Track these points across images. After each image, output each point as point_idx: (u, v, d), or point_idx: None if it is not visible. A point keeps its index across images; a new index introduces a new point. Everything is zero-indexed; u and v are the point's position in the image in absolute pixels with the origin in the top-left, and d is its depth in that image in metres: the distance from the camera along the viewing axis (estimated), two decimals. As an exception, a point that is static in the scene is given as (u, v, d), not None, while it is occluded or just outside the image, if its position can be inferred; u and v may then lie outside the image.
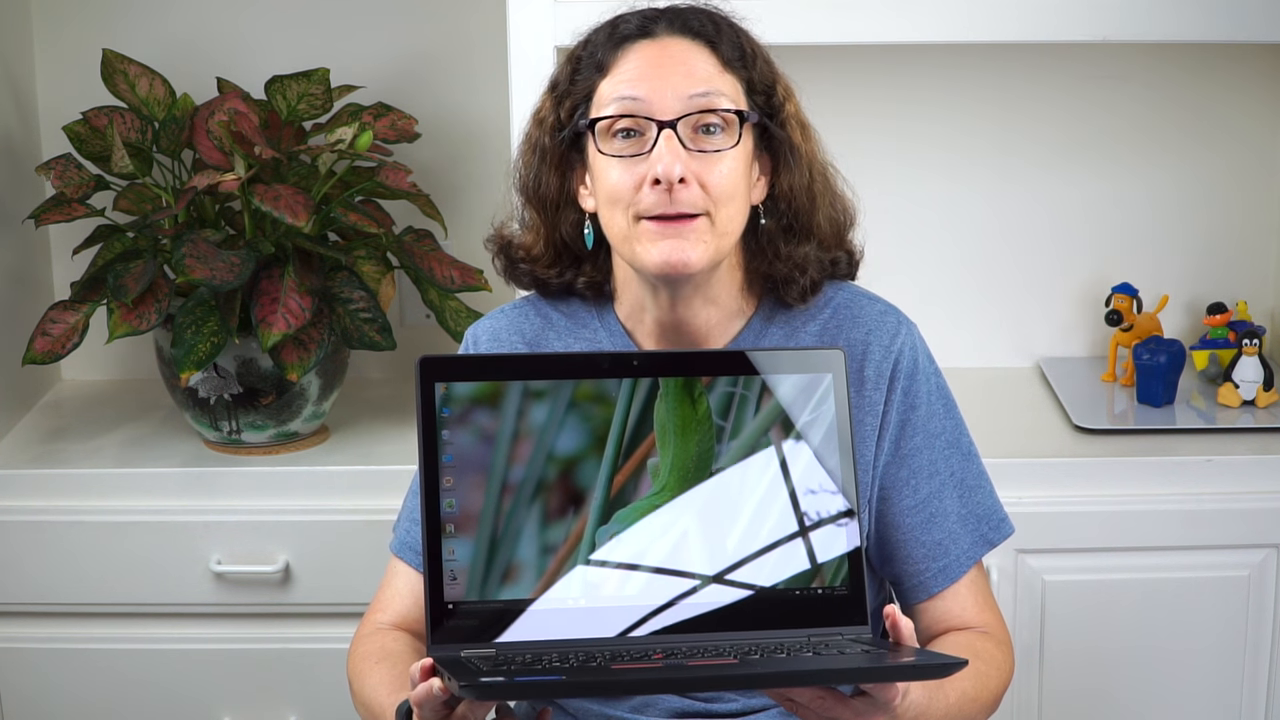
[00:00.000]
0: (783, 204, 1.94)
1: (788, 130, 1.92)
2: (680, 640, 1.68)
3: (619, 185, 1.86)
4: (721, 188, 1.85)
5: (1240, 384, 2.79)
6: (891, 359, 1.94)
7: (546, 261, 2.00)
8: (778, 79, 1.93)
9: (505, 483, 1.69)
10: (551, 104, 1.95)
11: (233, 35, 2.98)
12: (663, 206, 1.84)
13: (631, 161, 1.85)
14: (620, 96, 1.86)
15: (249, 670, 2.72)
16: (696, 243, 1.84)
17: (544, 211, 1.98)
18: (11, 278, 2.92)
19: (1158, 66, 2.95)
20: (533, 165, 1.97)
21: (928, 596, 1.96)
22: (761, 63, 1.92)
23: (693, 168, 1.84)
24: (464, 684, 1.50)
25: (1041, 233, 3.03)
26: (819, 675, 1.61)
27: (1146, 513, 2.61)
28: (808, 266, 1.94)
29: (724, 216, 1.86)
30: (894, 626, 1.66)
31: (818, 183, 1.96)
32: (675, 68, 1.86)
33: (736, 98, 1.88)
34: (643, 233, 1.86)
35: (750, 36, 1.94)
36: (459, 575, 1.67)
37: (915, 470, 1.95)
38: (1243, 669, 2.66)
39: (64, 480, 2.69)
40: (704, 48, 1.88)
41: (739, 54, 1.90)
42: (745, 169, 1.88)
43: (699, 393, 1.73)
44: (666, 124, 1.84)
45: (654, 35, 1.88)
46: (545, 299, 2.03)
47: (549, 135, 1.94)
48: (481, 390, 1.70)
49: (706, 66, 1.87)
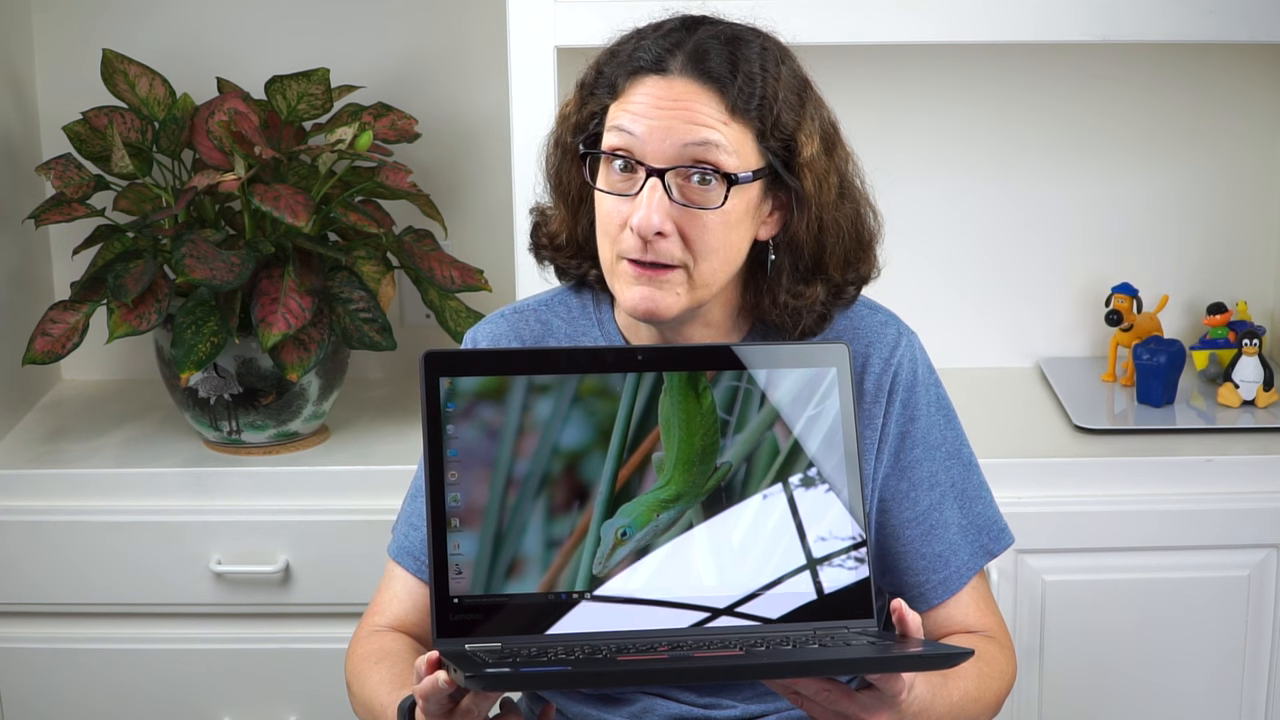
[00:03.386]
0: (791, 245, 1.89)
1: (800, 178, 1.85)
2: (686, 633, 1.68)
3: (608, 217, 1.84)
4: (704, 243, 1.81)
5: (1240, 384, 2.79)
6: (891, 371, 1.93)
7: (569, 252, 1.99)
8: (802, 124, 1.85)
9: (510, 477, 1.69)
10: (577, 103, 1.91)
11: (233, 35, 2.98)
12: (639, 253, 1.81)
13: (621, 199, 1.83)
14: (619, 128, 1.82)
15: (249, 670, 2.72)
16: (669, 293, 1.82)
17: (566, 205, 1.96)
18: (11, 278, 2.92)
19: (1157, 67, 2.95)
20: (554, 159, 1.95)
21: (928, 608, 1.95)
22: (782, 108, 1.83)
23: (676, 218, 1.80)
24: (470, 675, 1.50)
25: (1041, 233, 3.03)
26: (824, 665, 1.61)
27: (1146, 513, 2.61)
28: (804, 312, 1.90)
29: (704, 270, 1.83)
30: (900, 620, 1.66)
31: (836, 222, 1.89)
32: (677, 112, 1.80)
33: (742, 148, 1.81)
34: (622, 272, 1.84)
35: (780, 75, 1.85)
36: (464, 569, 1.67)
37: (915, 482, 1.94)
38: (1243, 669, 2.66)
39: (64, 480, 2.69)
40: (714, 92, 1.80)
41: (752, 101, 1.82)
42: (736, 224, 1.83)
43: (703, 387, 1.73)
44: (655, 171, 1.80)
45: (665, 72, 1.81)
46: (545, 304, 2.03)
47: (570, 133, 1.92)
48: (486, 385, 1.70)
49: (711, 114, 1.80)
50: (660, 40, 1.84)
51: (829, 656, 1.60)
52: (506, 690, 1.58)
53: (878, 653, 1.61)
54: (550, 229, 1.99)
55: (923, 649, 1.61)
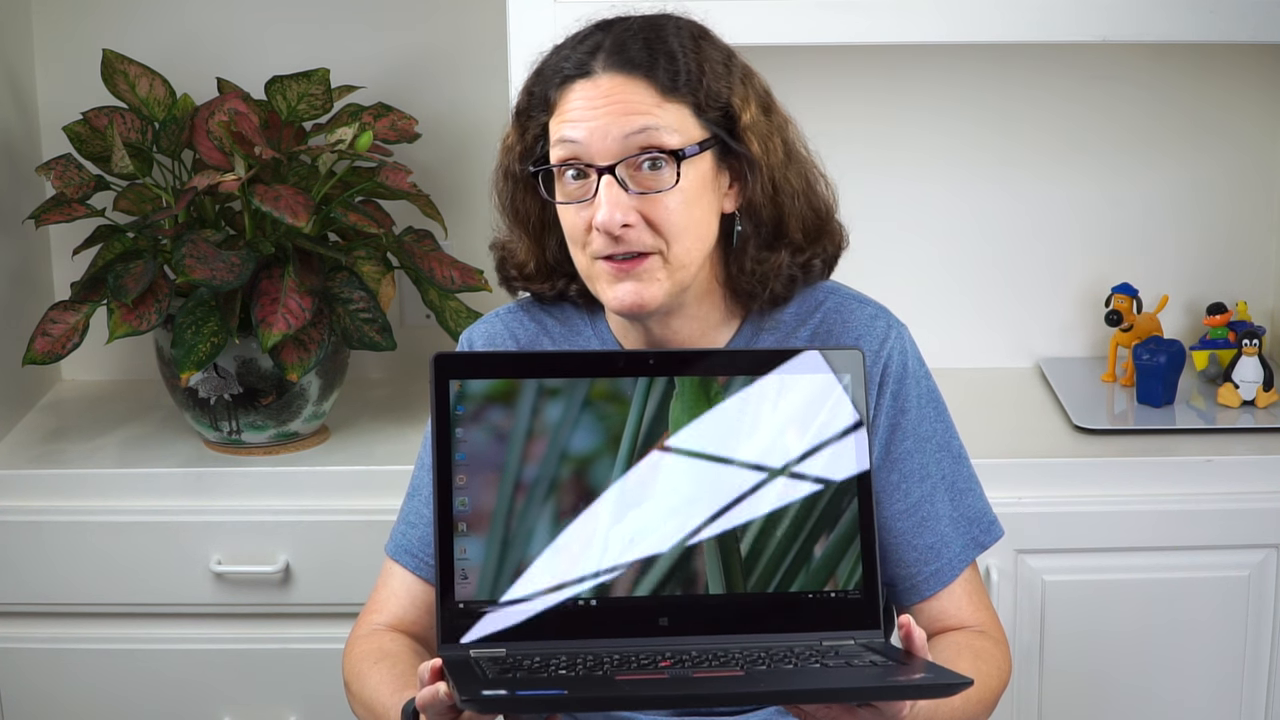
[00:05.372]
0: (751, 213, 1.92)
1: (745, 143, 1.88)
2: (689, 643, 1.68)
3: (573, 227, 1.87)
4: (670, 224, 1.84)
5: (1240, 384, 2.80)
6: (881, 363, 1.94)
7: (540, 278, 2.01)
8: (733, 90, 1.89)
9: (519, 481, 1.69)
10: (517, 132, 1.94)
11: (233, 35, 2.98)
12: (611, 248, 1.84)
13: (580, 205, 1.85)
14: (562, 139, 1.85)
15: (249, 670, 2.71)
16: (650, 281, 1.84)
17: (528, 232, 1.98)
18: (11, 278, 2.92)
19: (1157, 67, 2.95)
20: (507, 191, 1.97)
21: (921, 599, 1.96)
22: (710, 79, 1.87)
23: (638, 207, 1.83)
24: (465, 698, 1.50)
25: (1041, 233, 3.03)
26: (824, 694, 1.61)
27: (1146, 513, 2.61)
28: (772, 277, 1.93)
29: (678, 250, 1.85)
30: (907, 637, 1.66)
31: (789, 183, 1.92)
32: (610, 108, 1.83)
33: (682, 125, 1.84)
34: (600, 273, 1.86)
35: (695, 51, 1.88)
36: (470, 574, 1.67)
37: (906, 474, 1.95)
38: (1242, 669, 2.67)
39: (64, 480, 2.69)
40: (640, 80, 1.84)
41: (679, 78, 1.85)
42: (696, 198, 1.86)
43: (715, 392, 1.72)
44: (605, 169, 1.82)
45: (590, 74, 1.85)
46: (539, 304, 2.04)
47: (517, 161, 1.94)
48: (496, 388, 1.70)
49: (643, 101, 1.83)
50: (579, 46, 1.88)
51: (828, 684, 1.60)
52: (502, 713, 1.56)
53: (878, 679, 1.59)
54: (518, 259, 2.01)
55: (924, 675, 1.59)
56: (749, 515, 1.71)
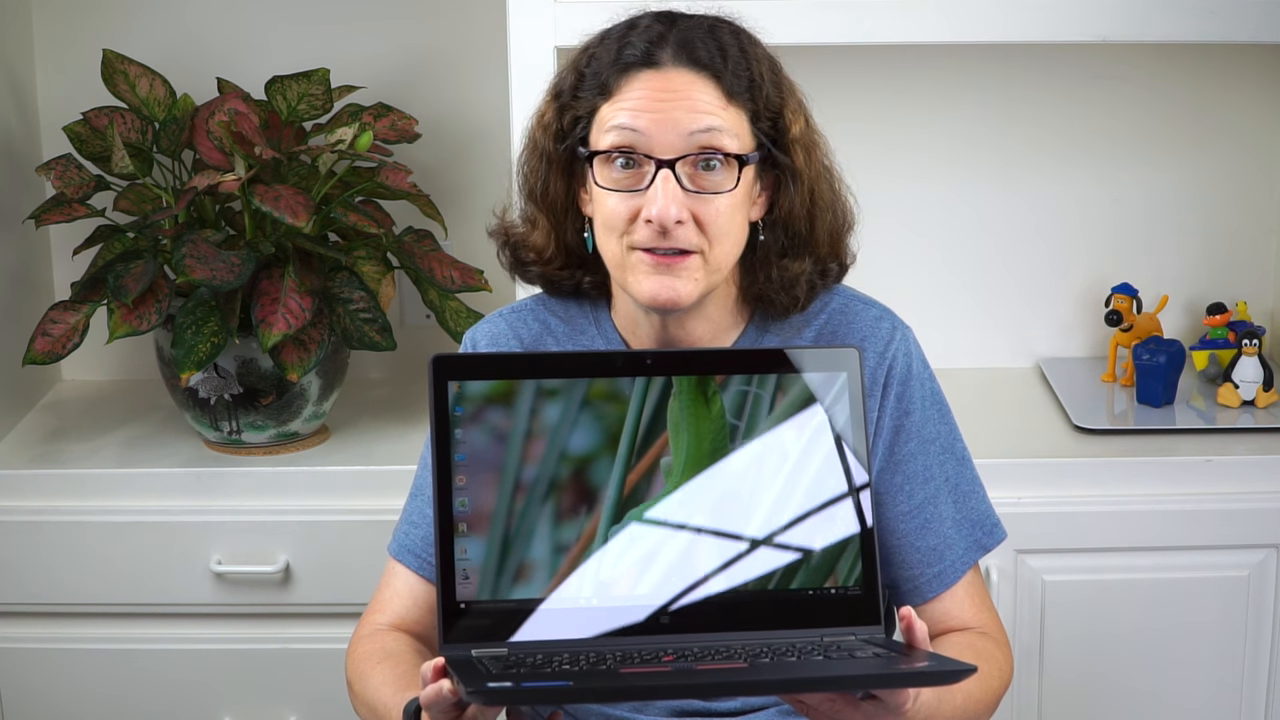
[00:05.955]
0: (781, 223, 1.92)
1: (791, 155, 1.89)
2: (691, 640, 1.68)
3: (614, 214, 1.85)
4: (718, 226, 1.84)
5: (1240, 384, 2.80)
6: (885, 365, 1.94)
7: (558, 264, 1.99)
8: (786, 101, 1.90)
9: (518, 482, 1.69)
10: (555, 111, 1.92)
11: (233, 35, 2.98)
12: (656, 242, 1.83)
13: (627, 194, 1.84)
14: (620, 125, 1.83)
15: (249, 670, 2.72)
16: (688, 280, 1.84)
17: (552, 216, 1.97)
18: (11, 278, 2.92)
19: (1158, 66, 2.95)
20: (540, 171, 1.95)
21: (923, 601, 1.96)
22: (769, 87, 1.88)
23: (689, 205, 1.82)
24: (471, 690, 1.50)
25: (1041, 233, 3.03)
26: (828, 682, 1.61)
27: (1146, 513, 2.61)
28: (796, 284, 1.93)
29: (718, 253, 1.85)
30: (909, 629, 1.66)
31: (824, 196, 1.93)
32: (678, 102, 1.82)
33: (740, 131, 1.85)
34: (636, 263, 1.85)
35: (759, 57, 1.89)
36: (471, 574, 1.67)
37: (910, 476, 1.95)
38: (1243, 669, 2.67)
39: (64, 480, 2.69)
40: (709, 80, 1.84)
41: (746, 84, 1.85)
42: (741, 204, 1.86)
43: (713, 391, 1.73)
44: (665, 163, 1.82)
45: (658, 65, 1.84)
46: (543, 304, 2.03)
47: (553, 141, 1.92)
48: (495, 389, 1.70)
49: (710, 101, 1.83)
50: (643, 35, 1.86)
51: (832, 673, 1.60)
52: (508, 704, 1.57)
53: (881, 668, 1.60)
54: (535, 244, 1.99)
55: (928, 664, 1.60)
56: (749, 513, 1.71)
